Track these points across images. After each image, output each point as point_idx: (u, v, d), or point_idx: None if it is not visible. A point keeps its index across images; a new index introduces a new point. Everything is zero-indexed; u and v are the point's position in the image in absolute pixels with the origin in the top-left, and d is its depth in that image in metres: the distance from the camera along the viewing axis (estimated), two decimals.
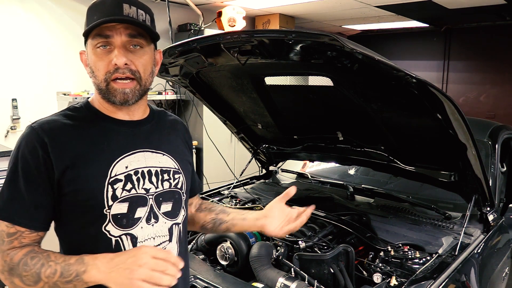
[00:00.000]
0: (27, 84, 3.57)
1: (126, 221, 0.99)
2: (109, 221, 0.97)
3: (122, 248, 0.98)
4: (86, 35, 0.98)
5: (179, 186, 1.11)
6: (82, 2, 3.84)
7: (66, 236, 1.01)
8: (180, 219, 1.11)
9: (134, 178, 1.01)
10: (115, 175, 0.98)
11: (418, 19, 5.63)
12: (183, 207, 1.13)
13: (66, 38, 3.76)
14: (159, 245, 1.04)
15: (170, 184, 1.09)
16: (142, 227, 1.01)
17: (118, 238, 0.98)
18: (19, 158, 0.95)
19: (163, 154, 1.09)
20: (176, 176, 1.11)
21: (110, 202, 0.97)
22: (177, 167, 1.12)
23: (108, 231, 0.97)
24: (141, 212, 1.01)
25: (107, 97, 0.99)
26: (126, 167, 1.01)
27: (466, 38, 6.22)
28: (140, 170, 1.03)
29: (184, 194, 1.14)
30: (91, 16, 0.97)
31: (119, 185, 0.98)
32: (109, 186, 0.97)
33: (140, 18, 0.98)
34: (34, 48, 3.59)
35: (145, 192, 1.03)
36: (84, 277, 0.88)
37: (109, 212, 0.97)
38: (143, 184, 1.02)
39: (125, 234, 0.99)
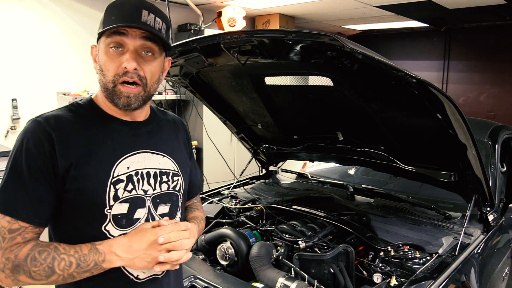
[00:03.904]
0: (27, 84, 3.57)
1: (125, 221, 1.00)
2: (109, 221, 0.98)
3: None
4: (101, 33, 0.98)
5: (177, 188, 1.12)
6: (83, 2, 3.84)
7: (63, 234, 1.00)
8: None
9: (135, 179, 1.02)
10: (118, 175, 0.99)
11: (418, 19, 5.63)
12: (179, 209, 1.14)
13: (66, 38, 3.76)
14: None
15: (169, 186, 1.09)
16: None
17: None
18: (24, 151, 0.93)
19: (163, 156, 1.10)
20: (175, 178, 1.11)
21: (112, 202, 0.97)
22: (176, 169, 1.12)
23: (108, 231, 0.98)
24: (140, 213, 1.02)
25: (111, 97, 1.00)
26: (128, 168, 1.01)
27: (466, 38, 6.22)
28: (140, 171, 1.03)
29: (181, 197, 1.14)
30: (109, 15, 0.97)
31: (121, 185, 0.99)
32: (112, 186, 0.97)
33: (157, 27, 0.98)
34: (34, 48, 3.59)
35: (143, 194, 1.03)
36: (104, 265, 0.94)
37: (110, 212, 0.97)
38: (142, 185, 1.03)
39: (124, 234, 0.99)
